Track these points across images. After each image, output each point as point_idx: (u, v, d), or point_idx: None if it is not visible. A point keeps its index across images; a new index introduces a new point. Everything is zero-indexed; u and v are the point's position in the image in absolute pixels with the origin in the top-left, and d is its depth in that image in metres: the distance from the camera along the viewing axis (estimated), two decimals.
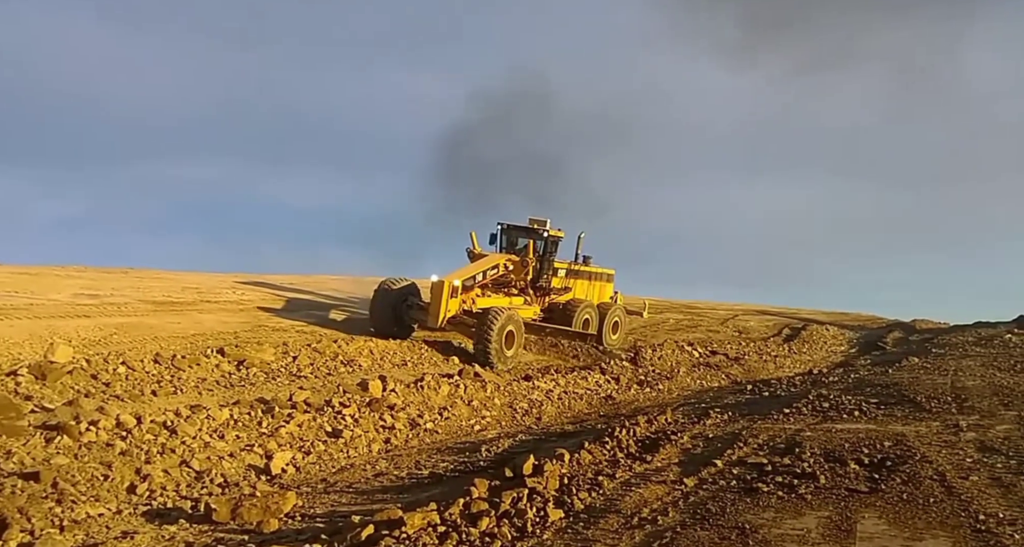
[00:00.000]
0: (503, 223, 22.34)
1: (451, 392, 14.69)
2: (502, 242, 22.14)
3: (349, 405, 12.58)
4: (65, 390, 11.34)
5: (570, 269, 23.38)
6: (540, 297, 22.55)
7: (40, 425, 9.52)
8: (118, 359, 12.98)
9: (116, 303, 17.69)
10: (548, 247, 22.11)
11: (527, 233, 22.10)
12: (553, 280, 22.64)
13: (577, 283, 23.77)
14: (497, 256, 21.29)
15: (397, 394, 13.76)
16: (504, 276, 21.27)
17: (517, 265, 21.40)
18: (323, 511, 8.32)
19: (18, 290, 17.52)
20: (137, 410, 10.82)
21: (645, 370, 20.21)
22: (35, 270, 22.18)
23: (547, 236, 21.94)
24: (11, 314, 14.62)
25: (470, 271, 20.24)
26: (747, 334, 31.08)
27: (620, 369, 19.77)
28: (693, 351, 23.82)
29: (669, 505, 7.05)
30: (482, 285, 20.65)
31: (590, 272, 24.41)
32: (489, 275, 20.66)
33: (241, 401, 12.10)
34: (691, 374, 20.98)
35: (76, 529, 7.53)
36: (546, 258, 22.11)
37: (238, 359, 14.57)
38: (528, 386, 16.48)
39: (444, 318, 19.03)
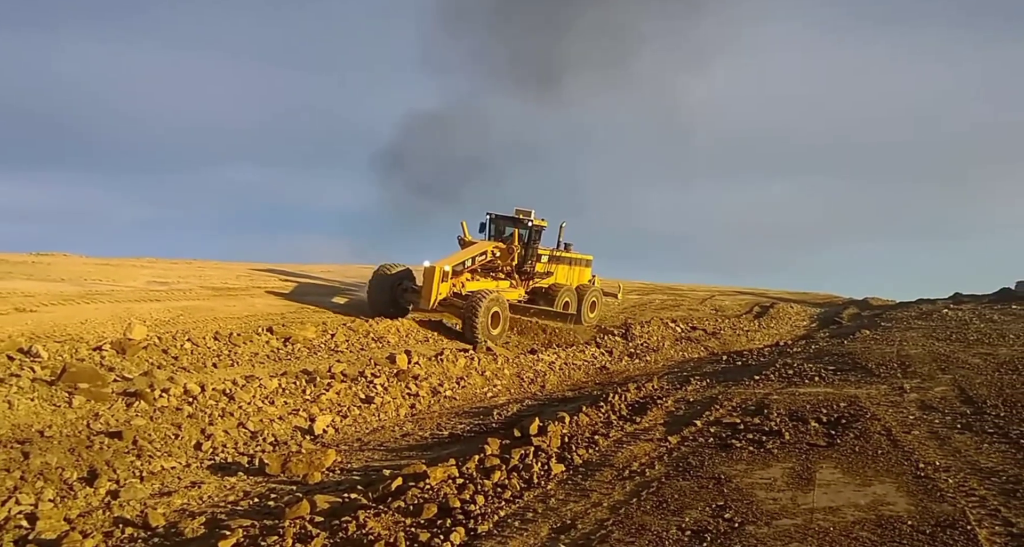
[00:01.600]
0: (492, 213, 21.66)
1: (467, 364, 14.72)
2: (490, 230, 21.44)
3: (379, 376, 12.66)
4: (141, 363, 11.43)
5: (552, 255, 22.72)
6: (525, 281, 21.94)
7: (121, 392, 9.61)
8: (184, 336, 13.08)
9: (182, 289, 17.78)
10: (532, 235, 21.42)
11: (513, 222, 21.37)
12: (537, 265, 22.04)
13: (559, 268, 23.13)
14: (485, 243, 20.63)
15: (420, 366, 13.83)
16: (492, 262, 20.69)
17: (504, 252, 20.76)
18: (358, 466, 8.37)
19: (102, 278, 17.66)
20: (201, 379, 10.93)
21: (635, 344, 20.18)
22: (115, 262, 22.36)
23: (532, 225, 21.27)
24: (96, 298, 14.73)
25: (460, 257, 19.57)
26: (723, 312, 30.97)
27: (613, 343, 19.75)
28: (676, 327, 23.74)
29: (655, 459, 7.06)
30: (471, 270, 20.03)
31: (570, 258, 23.78)
32: (478, 261, 20.04)
33: (288, 372, 12.21)
34: (674, 347, 20.92)
35: (153, 479, 7.61)
36: (530, 245, 21.46)
37: (285, 336, 14.64)
38: (533, 359, 16.48)
39: (435, 300, 18.44)
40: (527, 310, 20.51)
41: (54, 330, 12.01)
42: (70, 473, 7.23)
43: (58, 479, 7.07)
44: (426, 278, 18.47)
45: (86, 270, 18.90)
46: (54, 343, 11.07)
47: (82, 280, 16.94)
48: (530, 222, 21.17)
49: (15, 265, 17.81)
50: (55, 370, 9.65)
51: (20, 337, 11.15)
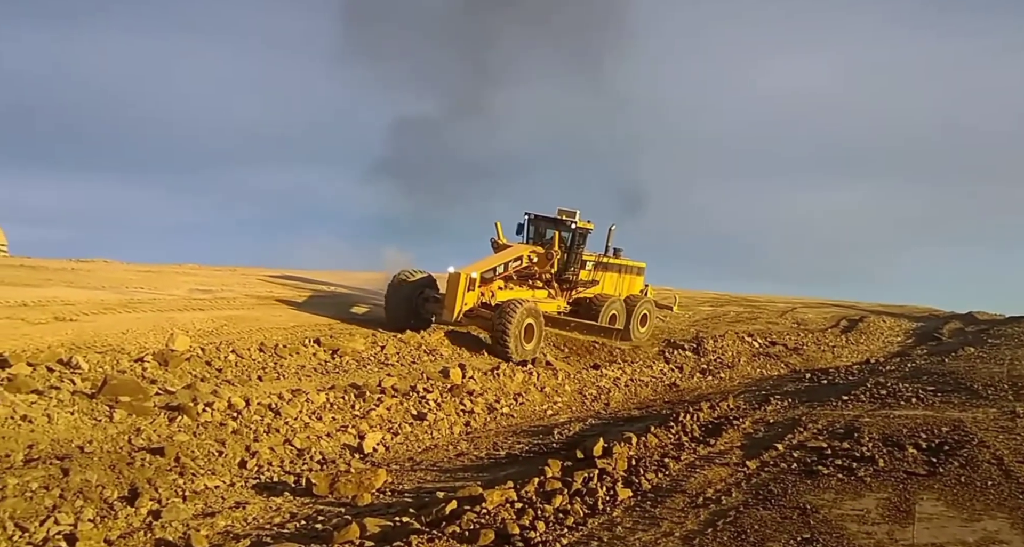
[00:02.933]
0: (530, 213, 20.56)
1: (525, 379, 14.73)
2: (528, 233, 20.43)
3: (432, 391, 12.76)
4: (184, 375, 11.76)
5: (599, 262, 21.54)
6: (566, 291, 20.82)
7: (164, 406, 9.90)
8: (228, 348, 13.40)
9: (226, 298, 18.25)
10: (576, 239, 20.28)
11: (555, 224, 20.27)
12: (580, 273, 20.87)
13: (606, 276, 21.95)
14: (521, 247, 19.57)
15: (475, 381, 13.89)
16: (528, 268, 19.60)
17: (542, 257, 19.58)
18: (410, 487, 8.44)
19: (143, 286, 18.26)
20: (246, 393, 11.17)
21: (707, 359, 19.90)
22: (156, 268, 23.12)
23: (576, 228, 20.10)
24: (138, 308, 15.24)
25: (490, 263, 18.47)
26: (805, 326, 30.27)
27: (683, 359, 19.53)
28: (753, 342, 23.31)
29: (732, 486, 6.94)
30: (504, 277, 18.90)
31: (620, 265, 22.62)
32: (512, 267, 18.91)
33: (336, 386, 12.38)
34: (751, 363, 20.56)
35: (196, 499, 7.81)
36: (574, 250, 20.27)
37: (333, 348, 14.85)
38: (596, 374, 16.40)
39: (460, 311, 17.26)
40: (567, 323, 19.59)
41: (95, 340, 12.45)
42: (111, 491, 7.47)
43: (98, 498, 7.30)
44: (450, 286, 17.39)
45: (127, 277, 19.58)
46: (95, 354, 11.48)
47: (123, 288, 17.55)
48: (574, 224, 20.11)
49: (55, 272, 18.56)
50: (96, 382, 10.01)
51: (60, 348, 11.59)
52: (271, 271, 25.50)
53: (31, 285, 15.85)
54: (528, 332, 17.42)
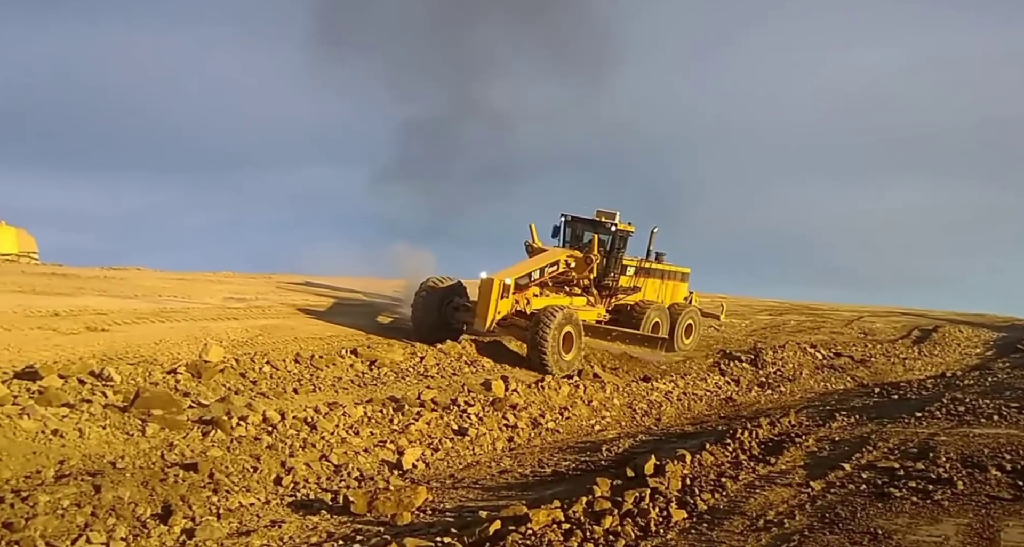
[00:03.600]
0: (567, 215, 20.20)
1: (571, 392, 14.68)
2: (565, 236, 20.11)
3: (474, 404, 12.78)
4: (218, 387, 11.95)
5: (640, 267, 21.26)
6: (605, 298, 20.47)
7: (197, 419, 10.06)
8: (263, 359, 13.60)
9: (261, 306, 18.56)
10: (616, 242, 19.96)
11: (593, 226, 19.91)
12: (621, 279, 20.57)
13: (648, 283, 21.67)
14: (558, 251, 19.28)
15: (519, 394, 13.87)
16: (565, 274, 19.29)
17: (580, 262, 19.27)
18: (452, 506, 8.45)
19: (176, 294, 18.66)
20: (281, 406, 11.31)
21: (766, 372, 19.62)
22: (190, 276, 23.61)
23: (616, 230, 19.76)
24: (171, 317, 15.56)
25: (525, 268, 18.18)
26: (873, 336, 29.68)
27: (740, 371, 19.29)
28: (816, 353, 22.93)
29: (796, 508, 6.80)
30: (540, 283, 18.69)
31: (663, 270, 22.38)
32: (548, 272, 18.63)
33: (374, 399, 12.46)
34: (814, 376, 20.21)
35: (231, 517, 7.90)
36: (614, 254, 19.97)
37: (370, 359, 14.99)
38: (647, 387, 16.27)
39: (493, 320, 16.99)
40: (608, 333, 19.11)
41: (127, 351, 12.74)
42: (143, 509, 7.59)
43: (131, 515, 7.43)
44: (482, 293, 17.12)
45: (160, 285, 20.02)
46: (127, 365, 11.73)
47: (156, 296, 17.95)
48: (614, 226, 19.79)
49: (87, 280, 19.05)
50: (128, 395, 10.23)
51: (92, 359, 11.88)
52: (301, 277, 25.82)
53: (63, 294, 16.32)
54: (567, 341, 17.08)
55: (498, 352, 17.80)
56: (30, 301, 14.88)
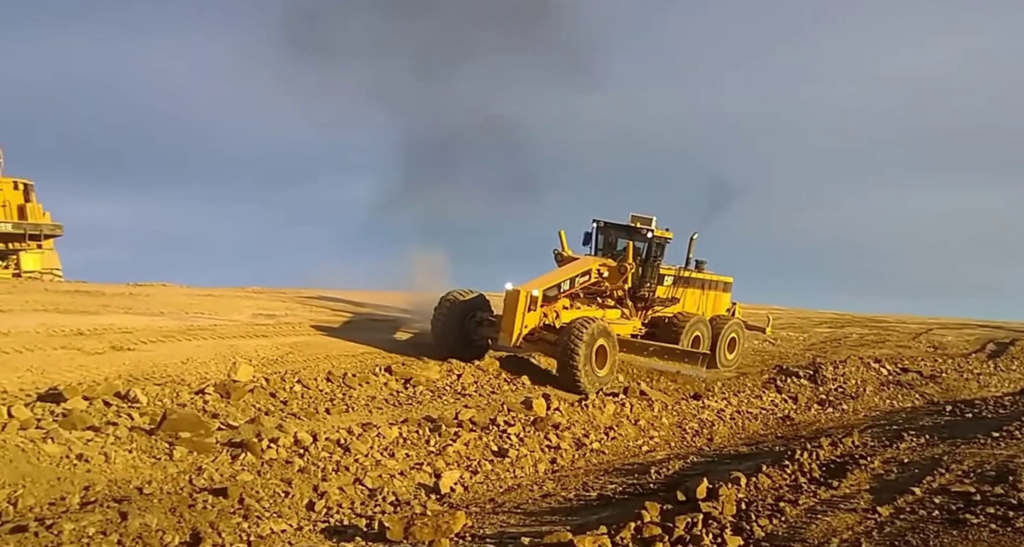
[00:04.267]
0: (599, 220, 19.88)
1: (617, 411, 14.62)
2: (597, 243, 19.83)
3: (514, 424, 12.78)
4: (247, 408, 12.11)
5: (679, 276, 20.95)
6: (641, 310, 20.25)
7: (226, 442, 10.20)
8: (294, 378, 13.76)
9: (291, 323, 18.77)
10: (653, 250, 19.68)
11: (628, 233, 19.65)
12: (658, 289, 20.30)
13: (687, 293, 21.43)
14: (589, 260, 18.96)
15: (561, 413, 13.87)
16: (598, 284, 19.03)
17: (613, 271, 18.98)
18: (492, 531, 8.42)
19: (204, 311, 18.96)
20: (313, 428, 11.42)
21: (826, 389, 19.33)
22: (217, 292, 23.98)
23: (652, 237, 19.45)
24: (198, 334, 15.82)
25: (554, 278, 17.81)
26: (944, 350, 29.12)
27: (798, 387, 19.03)
28: (881, 368, 22.54)
29: (862, 535, 6.68)
30: (570, 295, 18.42)
31: (703, 280, 22.09)
32: (579, 283, 18.28)
33: (409, 419, 12.52)
34: (879, 393, 19.86)
35: (262, 544, 7.96)
36: (650, 263, 19.70)
37: (405, 377, 15.08)
38: (698, 405, 16.14)
39: (520, 335, 16.71)
40: (644, 348, 18.68)
41: (153, 371, 12.97)
42: (171, 537, 7.66)
43: (158, 544, 7.50)
44: (507, 306, 16.80)
45: (187, 302, 20.37)
46: (153, 386, 11.95)
47: (183, 313, 18.25)
48: (650, 232, 19.47)
49: (112, 297, 19.43)
50: (154, 417, 10.41)
51: (117, 379, 12.12)
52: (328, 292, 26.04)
53: (88, 312, 16.65)
54: (600, 356, 16.79)
55: (529, 369, 17.76)
56: (54, 320, 15.22)
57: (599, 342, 16.71)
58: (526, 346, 17.36)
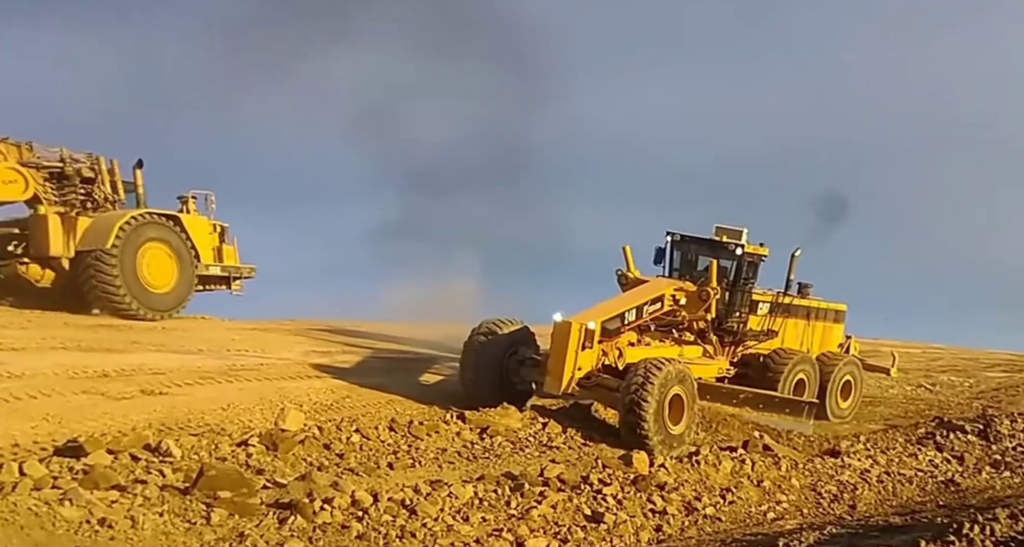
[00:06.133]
0: (675, 233, 19.27)
1: (735, 469, 14.27)
2: (672, 262, 19.23)
3: (610, 483, 12.55)
4: (297, 462, 12.16)
5: (776, 303, 20.08)
6: (729, 346, 19.43)
7: (272, 503, 10.21)
8: (351, 426, 13.81)
9: (347, 360, 18.93)
10: (743, 270, 18.95)
11: (711, 249, 18.94)
12: (750, 320, 19.52)
13: (787, 324, 20.55)
14: (662, 283, 18.26)
15: (667, 470, 13.61)
16: (672, 313, 18.18)
17: (693, 297, 18.08)
18: None
19: (248, 348, 19.30)
20: (373, 486, 11.40)
21: (1001, 447, 18.45)
22: (263, 325, 24.45)
23: (742, 254, 18.69)
24: (241, 375, 16.09)
25: (616, 307, 17.00)
26: None
27: (964, 445, 18.24)
28: None
29: None
30: (637, 327, 17.54)
31: (808, 308, 21.31)
32: (648, 312, 17.41)
33: (486, 476, 12.43)
34: None
35: None
36: (740, 287, 18.99)
37: (481, 425, 15.03)
38: (835, 464, 15.62)
39: (571, 379, 15.71)
40: (733, 394, 17.91)
41: (189, 419, 13.17)
42: None
43: None
44: (556, 342, 15.90)
45: (228, 337, 20.78)
46: (189, 437, 12.09)
47: (223, 351, 18.59)
48: (740, 248, 18.67)
49: (142, 332, 19.87)
50: (190, 474, 10.49)
51: (147, 429, 12.29)
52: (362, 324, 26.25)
53: (114, 350, 17.06)
54: (675, 407, 15.68)
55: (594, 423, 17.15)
56: (75, 359, 15.58)
57: (673, 390, 15.58)
58: (581, 394, 16.45)
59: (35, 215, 21.59)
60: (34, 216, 21.61)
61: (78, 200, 22.09)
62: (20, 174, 21.08)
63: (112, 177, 23.12)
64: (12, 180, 20.96)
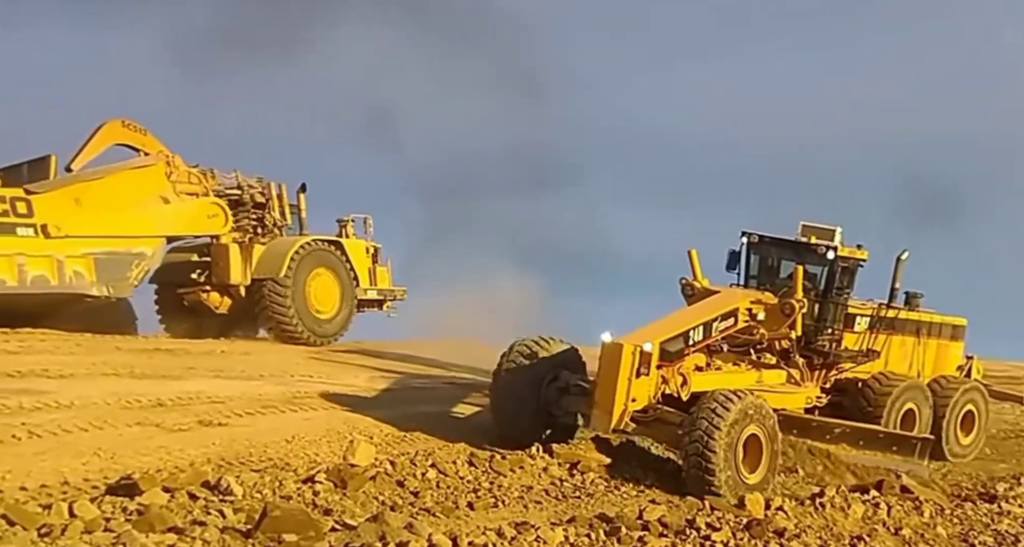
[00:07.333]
0: (752, 233, 18.26)
1: (867, 514, 13.81)
2: (749, 268, 18.35)
3: (720, 527, 12.19)
4: (368, 501, 12.12)
5: (878, 317, 18.79)
6: (819, 369, 18.20)
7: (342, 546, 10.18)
8: (427, 461, 13.74)
9: (424, 387, 18.96)
10: (835, 277, 17.93)
11: (796, 252, 17.91)
12: (845, 337, 18.44)
13: (892, 343, 19.20)
14: (737, 294, 17.41)
15: (787, 514, 13.22)
16: (749, 330, 16.97)
17: (774, 311, 16.85)
18: None
19: (312, 374, 19.42)
20: (452, 528, 11.27)
21: None
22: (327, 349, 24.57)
23: (834, 258, 17.54)
24: (306, 404, 16.18)
25: (679, 324, 15.80)
26: None
27: None
28: None
29: None
30: (706, 348, 16.57)
31: (918, 323, 20.05)
32: (719, 330, 16.28)
33: (577, 518, 12.20)
34: None
35: None
36: (832, 298, 18.01)
37: (571, 460, 14.91)
38: (991, 510, 15.01)
39: (624, 412, 14.53)
40: (826, 430, 16.89)
41: (250, 452, 13.25)
42: None
43: None
44: (604, 368, 14.80)
45: (291, 362, 20.95)
46: (250, 473, 12.12)
47: (287, 376, 18.76)
48: (831, 251, 17.51)
49: (199, 357, 20.18)
50: (252, 514, 10.45)
51: (206, 464, 12.36)
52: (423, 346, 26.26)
53: (169, 376, 17.29)
54: (751, 451, 14.58)
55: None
56: (128, 387, 15.81)
57: (749, 430, 14.41)
58: (637, 430, 15.63)
59: (217, 244, 23.72)
60: (216, 245, 23.73)
61: (251, 226, 24.28)
62: (221, 208, 23.50)
63: (280, 202, 25.25)
64: (214, 214, 23.30)
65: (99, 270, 20.84)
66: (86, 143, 22.05)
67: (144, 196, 22.17)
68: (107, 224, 21.18)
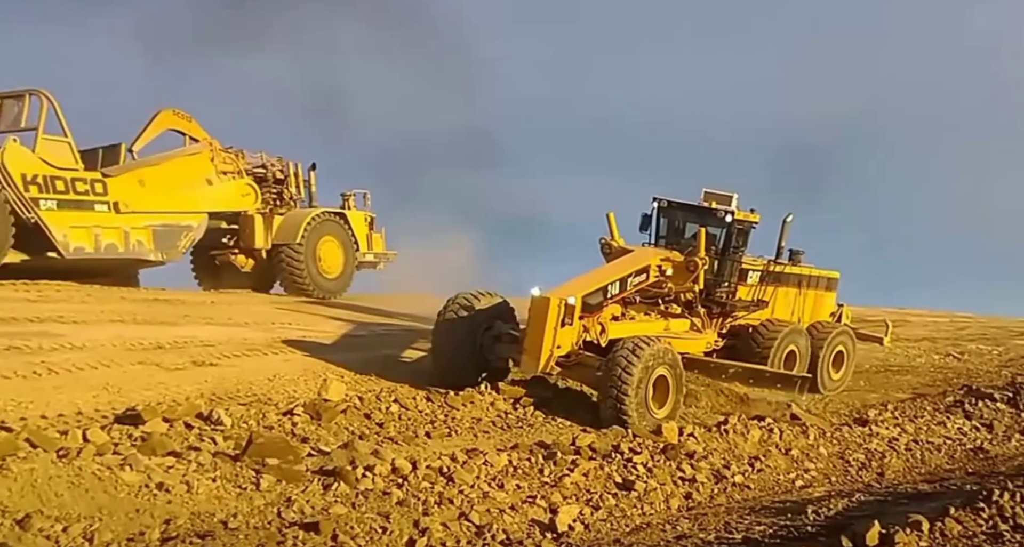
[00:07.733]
0: (661, 199, 18.14)
1: (763, 438, 14.31)
2: (659, 229, 18.24)
3: (640, 451, 12.65)
4: (339, 431, 12.45)
5: (767, 272, 19.09)
6: (717, 317, 18.32)
7: (317, 470, 10.46)
8: (390, 396, 14.09)
9: (378, 333, 19.28)
10: (732, 238, 17.90)
11: (699, 215, 17.84)
12: (739, 290, 18.52)
13: (778, 294, 19.49)
14: (648, 252, 17.29)
15: (696, 439, 13.67)
16: (659, 284, 17.01)
17: (680, 267, 16.91)
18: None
19: (291, 321, 19.63)
20: (412, 454, 11.62)
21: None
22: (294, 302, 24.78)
23: (731, 220, 17.59)
24: (285, 348, 16.44)
25: (599, 279, 15.80)
26: None
27: (993, 413, 18.12)
28: None
29: None
30: (621, 300, 16.43)
31: (799, 276, 20.26)
32: (633, 284, 16.22)
33: (520, 445, 12.61)
34: None
35: None
36: (729, 255, 17.96)
37: (515, 396, 15.23)
38: (863, 432, 15.59)
39: (549, 357, 14.63)
40: (722, 369, 17.08)
41: (238, 389, 13.51)
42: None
43: None
44: (533, 319, 14.74)
45: (273, 312, 21.16)
46: (238, 406, 12.44)
47: (269, 323, 18.93)
48: (729, 215, 17.60)
49: (193, 306, 20.35)
50: (240, 441, 10.78)
51: (199, 399, 12.65)
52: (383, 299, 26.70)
53: (167, 323, 17.44)
54: (660, 389, 14.78)
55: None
56: (131, 332, 16.01)
57: (658, 371, 14.60)
58: (561, 373, 15.63)
59: (245, 215, 24.92)
60: (244, 215, 24.93)
61: (272, 199, 25.58)
62: (252, 188, 24.85)
63: (296, 179, 26.74)
64: (247, 193, 24.69)
65: (156, 239, 22.06)
66: (144, 129, 22.97)
67: (193, 178, 23.43)
68: (163, 201, 22.37)
